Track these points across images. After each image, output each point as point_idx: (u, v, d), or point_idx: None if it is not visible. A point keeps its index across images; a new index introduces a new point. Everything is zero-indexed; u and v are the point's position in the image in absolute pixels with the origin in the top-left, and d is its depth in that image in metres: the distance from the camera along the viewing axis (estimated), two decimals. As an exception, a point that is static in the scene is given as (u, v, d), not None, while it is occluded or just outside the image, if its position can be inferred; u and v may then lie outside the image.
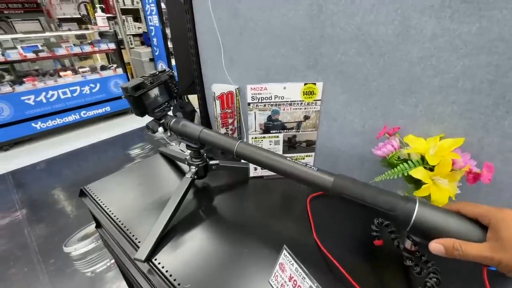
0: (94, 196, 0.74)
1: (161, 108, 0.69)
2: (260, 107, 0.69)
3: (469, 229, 0.33)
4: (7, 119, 2.80)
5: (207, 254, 0.55)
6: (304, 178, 0.49)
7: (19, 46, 2.88)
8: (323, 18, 0.61)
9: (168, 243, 0.58)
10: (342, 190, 0.45)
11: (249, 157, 0.56)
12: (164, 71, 0.67)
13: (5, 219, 1.94)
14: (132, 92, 0.61)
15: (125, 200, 0.72)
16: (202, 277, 0.50)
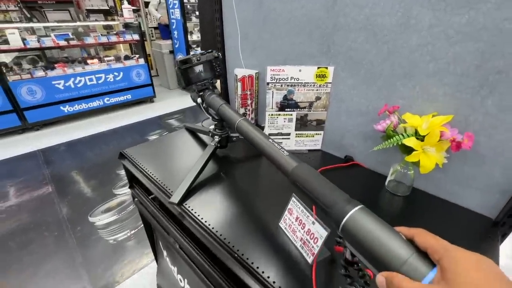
0: (131, 158, 0.86)
1: (203, 82, 0.79)
2: (278, 87, 0.80)
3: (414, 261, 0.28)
4: (40, 101, 3.03)
5: (228, 204, 0.67)
6: (275, 158, 0.51)
7: (52, 34, 3.10)
8: (337, 9, 0.70)
9: (195, 194, 0.70)
10: (297, 177, 0.45)
11: (244, 133, 0.61)
12: (212, 51, 0.78)
13: (37, 191, 2.14)
14: (180, 65, 0.73)
15: (157, 161, 0.85)
16: (225, 219, 0.62)
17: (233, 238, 0.56)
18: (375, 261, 0.30)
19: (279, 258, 0.52)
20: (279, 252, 0.54)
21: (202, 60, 0.75)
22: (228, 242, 0.55)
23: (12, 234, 1.73)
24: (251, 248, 0.54)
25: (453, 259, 0.26)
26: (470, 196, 0.65)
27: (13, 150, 2.73)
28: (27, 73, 2.89)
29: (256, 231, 0.59)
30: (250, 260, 0.51)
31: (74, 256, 1.58)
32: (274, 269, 0.50)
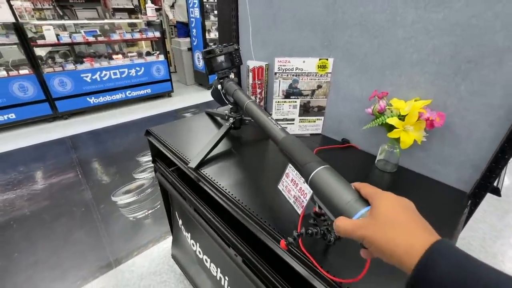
0: (156, 134, 1.01)
1: (224, 71, 0.92)
2: (284, 77, 0.91)
3: (353, 202, 0.34)
4: (69, 92, 3.29)
5: (237, 173, 0.79)
6: (270, 131, 0.63)
7: (82, 30, 3.36)
8: (336, 7, 0.81)
9: (210, 163, 0.82)
10: (283, 145, 0.56)
11: (250, 112, 0.73)
12: (232, 44, 0.91)
13: (68, 173, 2.36)
14: (205, 55, 0.86)
15: (178, 138, 0.98)
16: (235, 183, 0.74)
17: (241, 196, 0.68)
18: (329, 204, 0.38)
19: (277, 212, 0.64)
20: (278, 207, 0.65)
21: (224, 51, 0.87)
22: (238, 199, 0.68)
23: (46, 208, 1.95)
24: (257, 204, 0.66)
25: (380, 199, 0.32)
26: (448, 173, 0.73)
27: (45, 136, 3.00)
28: (59, 66, 3.16)
29: (261, 193, 0.70)
30: (255, 212, 0.63)
31: (98, 229, 1.77)
32: (274, 220, 0.61)
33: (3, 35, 2.83)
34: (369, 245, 0.30)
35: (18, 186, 2.18)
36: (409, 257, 0.26)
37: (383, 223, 0.29)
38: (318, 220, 0.54)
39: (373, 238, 0.29)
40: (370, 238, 0.29)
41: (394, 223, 0.29)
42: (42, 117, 3.22)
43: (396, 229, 0.28)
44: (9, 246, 1.64)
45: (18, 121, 3.08)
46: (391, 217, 0.29)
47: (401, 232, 0.28)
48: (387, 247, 0.28)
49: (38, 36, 3.09)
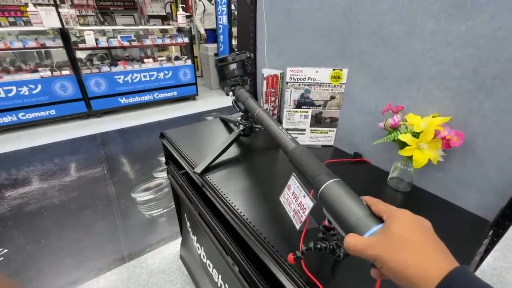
0: (169, 137, 1.04)
1: (235, 78, 0.93)
2: (296, 86, 0.90)
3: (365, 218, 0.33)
4: (103, 92, 3.54)
5: (241, 181, 0.79)
6: (281, 140, 0.62)
7: (118, 35, 3.61)
8: (352, 17, 0.78)
9: (216, 169, 0.83)
10: (294, 155, 0.54)
11: (261, 120, 0.73)
12: (245, 52, 0.92)
13: (95, 167, 2.52)
14: (217, 63, 0.88)
15: (189, 142, 1.01)
16: (237, 192, 0.74)
17: (242, 206, 0.68)
18: (339, 219, 0.37)
19: (277, 225, 0.62)
20: (278, 221, 0.64)
21: (236, 59, 0.89)
22: (237, 208, 0.67)
23: (73, 199, 2.09)
24: (256, 216, 0.65)
25: (395, 217, 0.30)
26: (468, 197, 0.67)
27: (80, 131, 3.24)
28: (96, 68, 3.42)
29: (263, 204, 0.69)
30: (252, 224, 0.62)
31: (117, 223, 1.86)
32: (272, 233, 0.60)
33: (51, 39, 3.13)
34: (381, 265, 0.28)
35: (52, 176, 2.37)
36: (424, 283, 0.24)
37: (397, 243, 0.27)
38: (327, 234, 0.52)
39: (384, 258, 0.27)
40: (381, 258, 0.27)
41: (408, 243, 0.27)
42: (78, 114, 3.50)
43: (410, 251, 0.26)
44: (38, 232, 1.78)
45: (58, 117, 3.37)
46: (405, 237, 0.27)
47: (415, 254, 0.26)
48: (400, 269, 0.26)
49: (80, 40, 3.38)
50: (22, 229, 1.80)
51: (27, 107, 3.15)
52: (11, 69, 3.14)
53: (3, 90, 2.96)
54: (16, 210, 1.98)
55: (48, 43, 3.12)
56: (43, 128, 3.30)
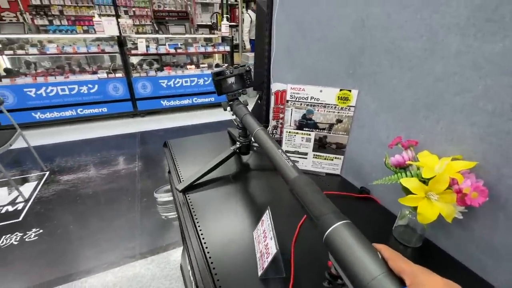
0: (171, 147, 1.04)
1: (233, 93, 0.89)
2: (297, 105, 0.81)
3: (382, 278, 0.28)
4: (148, 94, 3.84)
5: (222, 205, 0.73)
6: (280, 166, 0.54)
7: (167, 43, 3.90)
8: (365, 31, 0.67)
9: (200, 188, 0.79)
10: (295, 186, 0.47)
11: (260, 141, 0.65)
12: (244, 65, 0.88)
13: (129, 164, 2.72)
14: (214, 76, 0.85)
15: (188, 154, 0.99)
16: (212, 217, 0.68)
17: (209, 235, 0.62)
18: (349, 273, 0.31)
19: (239, 266, 0.54)
20: (243, 259, 0.56)
21: (234, 73, 0.84)
22: (203, 238, 0.61)
23: (105, 191, 2.27)
24: (220, 250, 0.58)
25: (422, 283, 0.26)
26: (499, 271, 0.50)
27: (124, 129, 3.55)
28: (144, 72, 3.73)
29: (235, 235, 0.62)
30: (211, 259, 0.56)
31: (136, 220, 1.94)
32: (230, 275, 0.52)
33: (109, 45, 3.52)
34: None
35: (92, 168, 2.63)
36: None
37: None
38: (334, 284, 0.43)
39: None
40: None
41: None
42: (125, 113, 3.85)
43: None
44: (69, 218, 1.96)
45: (108, 114, 3.75)
46: None
47: None
48: None
49: (133, 47, 3.74)
50: (57, 213, 2.01)
51: (85, 103, 3.58)
52: (77, 70, 3.62)
53: (68, 88, 3.42)
54: (58, 195, 2.22)
55: (107, 48, 3.51)
56: (95, 123, 3.71)
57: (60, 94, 3.41)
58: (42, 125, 3.49)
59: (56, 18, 4.75)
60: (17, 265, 1.58)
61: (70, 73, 3.52)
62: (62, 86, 3.38)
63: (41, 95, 3.33)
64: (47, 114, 3.45)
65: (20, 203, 2.11)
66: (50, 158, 2.78)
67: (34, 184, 2.34)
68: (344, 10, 0.72)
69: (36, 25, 4.64)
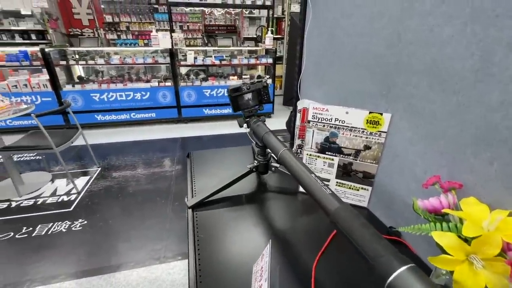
0: (192, 159, 1.04)
1: (250, 109, 0.87)
2: (319, 127, 0.73)
3: None
4: (192, 102, 4.07)
5: (229, 226, 0.69)
6: (316, 195, 0.49)
7: (213, 55, 4.11)
8: (401, 47, 0.57)
9: (210, 205, 0.76)
10: (339, 219, 0.42)
11: (286, 163, 0.62)
12: (261, 81, 0.85)
13: (168, 167, 2.88)
14: (231, 93, 0.83)
15: (208, 166, 0.98)
16: (216, 239, 0.64)
17: (206, 259, 0.58)
18: None
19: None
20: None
21: (251, 88, 0.81)
22: (199, 264, 0.58)
23: (142, 191, 2.43)
24: (214, 280, 0.54)
25: None
26: None
27: (168, 133, 3.81)
28: (190, 82, 3.98)
29: (233, 265, 0.58)
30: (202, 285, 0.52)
31: (164, 224, 2.02)
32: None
33: (162, 57, 3.85)
34: None
35: (135, 168, 2.85)
36: None
37: None
38: None
39: None
40: None
41: None
42: (170, 119, 4.13)
43: None
44: (110, 213, 2.13)
45: (156, 119, 4.08)
46: None
47: None
48: None
49: (183, 58, 4.03)
50: (101, 207, 2.21)
51: (137, 108, 3.95)
52: (134, 79, 4.03)
53: (125, 94, 3.83)
54: (104, 190, 2.45)
55: (160, 60, 3.85)
56: (144, 127, 4.06)
57: (119, 99, 3.83)
58: (102, 126, 3.95)
59: (123, 33, 5.42)
60: (61, 251, 1.76)
61: (128, 81, 3.94)
62: (120, 92, 3.80)
63: (103, 99, 3.78)
64: (106, 116, 3.90)
65: (73, 194, 2.38)
66: (103, 156, 3.11)
67: (87, 179, 2.62)
68: (377, 23, 0.64)
69: (107, 39, 5.36)
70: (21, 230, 1.95)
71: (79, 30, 5.49)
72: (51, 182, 2.56)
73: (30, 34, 5.15)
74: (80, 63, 3.73)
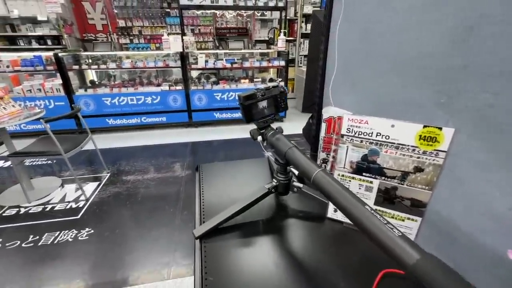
0: (202, 173, 0.93)
1: (265, 119, 0.75)
2: (355, 143, 0.60)
3: None
4: (202, 106, 4.00)
5: (241, 263, 0.56)
6: (379, 239, 0.37)
7: (224, 58, 4.03)
8: (472, 43, 0.44)
9: (221, 235, 0.64)
10: (425, 276, 0.32)
11: (324, 189, 0.49)
12: (277, 86, 0.73)
13: (177, 174, 2.79)
14: (243, 101, 0.71)
15: (218, 184, 0.86)
16: (226, 279, 0.52)
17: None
18: None
19: None
20: None
21: (267, 95, 0.69)
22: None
23: (150, 198, 2.35)
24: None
25: None
26: None
27: (178, 138, 3.74)
28: (201, 85, 3.91)
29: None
30: None
31: (173, 234, 1.92)
32: None
33: (173, 60, 3.81)
34: None
35: (145, 174, 2.78)
36: None
37: None
38: None
39: None
40: None
41: None
42: (181, 123, 4.07)
43: None
44: (117, 222, 2.06)
45: (166, 123, 4.03)
46: None
47: None
48: None
49: (194, 61, 3.97)
50: (108, 215, 2.14)
51: (148, 113, 3.91)
52: (145, 82, 4.01)
53: (136, 98, 3.80)
54: (112, 196, 2.39)
55: (171, 63, 3.80)
56: (154, 131, 4.01)
57: (129, 103, 3.80)
58: (113, 130, 3.94)
59: (136, 37, 5.45)
60: (65, 263, 1.69)
61: (140, 85, 3.91)
62: (131, 96, 3.77)
63: (114, 103, 3.76)
64: (117, 120, 3.88)
65: (82, 201, 2.32)
66: (113, 160, 3.07)
67: (95, 185, 2.57)
68: (434, 13, 0.50)
69: (120, 44, 5.40)
70: (28, 238, 1.90)
71: (93, 35, 5.57)
72: (61, 188, 2.52)
73: (46, 40, 5.26)
74: (92, 67, 3.74)
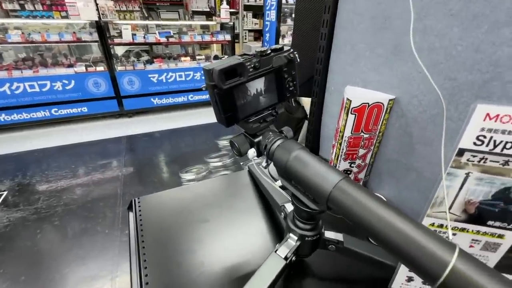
0: (137, 215, 0.51)
1: (262, 116, 0.38)
2: (488, 166, 0.29)
3: None
4: (135, 91, 3.27)
5: None
6: None
7: (157, 31, 3.31)
8: None
9: None
10: None
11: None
12: (281, 51, 0.36)
13: (110, 183, 2.18)
14: (219, 80, 0.32)
15: (171, 232, 0.47)
16: None
17: None
18: None
19: None
20: None
21: (263, 67, 0.32)
22: None
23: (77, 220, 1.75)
24: None
25: None
26: None
27: (107, 132, 3.00)
28: (130, 65, 3.15)
29: None
30: None
31: (114, 269, 1.43)
32: None
33: (88, 33, 2.93)
34: None
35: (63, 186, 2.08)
36: None
37: None
38: None
39: None
40: None
41: None
42: (110, 113, 3.28)
43: None
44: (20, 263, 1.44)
45: (89, 114, 3.19)
46: None
47: None
48: None
49: (117, 35, 3.15)
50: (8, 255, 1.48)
51: (60, 102, 3.01)
52: (49, 63, 3.03)
53: (38, 84, 2.84)
54: (12, 226, 1.69)
55: (85, 37, 2.92)
56: (72, 126, 3.15)
57: (29, 91, 2.83)
58: (7, 129, 2.92)
59: (29, 2, 4.10)
60: None
61: (42, 66, 2.94)
62: (31, 82, 2.81)
63: (4, 92, 2.75)
64: (13, 115, 2.88)
65: (-42, 241, 1.57)
66: (13, 172, 2.24)
67: (-19, 212, 1.80)
68: None
69: (4, 10, 4.00)
70: None
71: (-42, -4, 3.97)
72: None
73: None
74: (-43, 42, 2.60)
